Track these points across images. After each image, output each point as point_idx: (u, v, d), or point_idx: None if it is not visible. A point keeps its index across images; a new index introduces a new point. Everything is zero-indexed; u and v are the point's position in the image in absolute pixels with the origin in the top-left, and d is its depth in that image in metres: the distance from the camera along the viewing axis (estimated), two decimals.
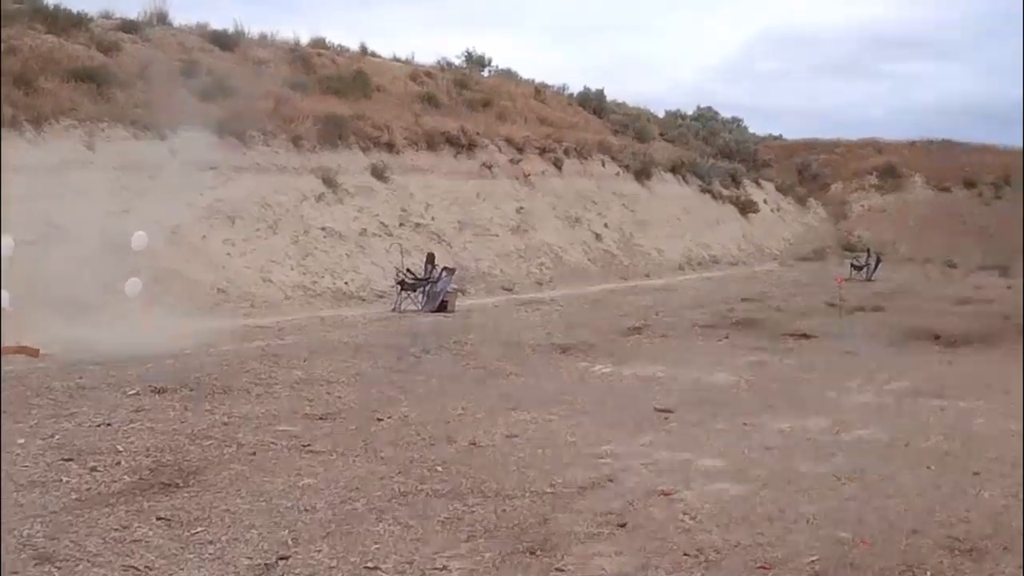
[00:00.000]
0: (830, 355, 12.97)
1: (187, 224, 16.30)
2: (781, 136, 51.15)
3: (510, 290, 20.72)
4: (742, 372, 11.39)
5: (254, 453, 7.00)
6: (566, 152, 28.65)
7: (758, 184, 39.17)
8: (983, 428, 8.57)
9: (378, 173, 21.51)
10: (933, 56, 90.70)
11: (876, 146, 45.73)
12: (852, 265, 26.94)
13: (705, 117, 46.79)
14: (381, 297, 17.88)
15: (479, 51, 36.65)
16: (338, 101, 23.17)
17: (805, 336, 14.65)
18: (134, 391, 8.93)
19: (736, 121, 48.76)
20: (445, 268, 17.66)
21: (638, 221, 28.68)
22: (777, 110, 79.95)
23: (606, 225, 27.11)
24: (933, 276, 28.44)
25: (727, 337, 14.59)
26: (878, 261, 27.55)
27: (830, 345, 13.86)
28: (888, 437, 8.11)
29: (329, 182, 20.07)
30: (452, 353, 12.30)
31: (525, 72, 37.49)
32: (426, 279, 17.29)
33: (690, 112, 46.75)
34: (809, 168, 44.14)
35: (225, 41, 24.33)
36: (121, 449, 6.94)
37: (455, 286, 17.92)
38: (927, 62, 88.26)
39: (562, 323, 15.78)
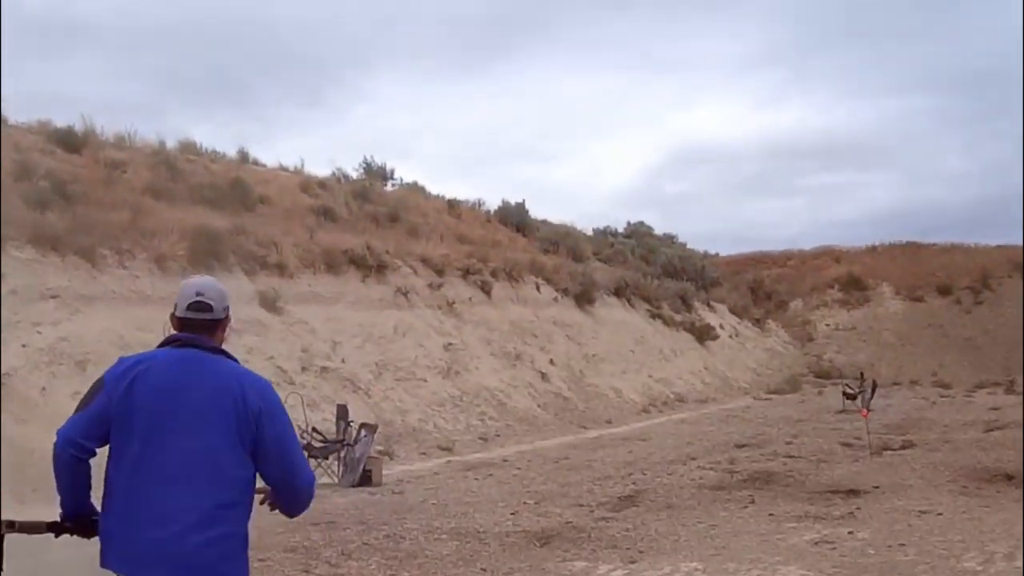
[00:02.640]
0: (904, 518, 10.48)
1: (20, 371, 13.44)
2: (718, 254, 49.84)
3: (449, 449, 17.62)
4: (814, 561, 8.59)
5: None
6: (494, 274, 26.09)
7: (710, 306, 37.12)
8: None
9: (269, 303, 18.46)
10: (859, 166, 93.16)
11: (833, 255, 44.84)
12: (844, 394, 24.63)
13: (639, 233, 45.38)
14: None
15: (379, 162, 34.73)
16: (213, 213, 20.23)
17: (853, 492, 12.11)
18: None
19: (670, 237, 47.43)
20: (364, 425, 14.59)
21: (587, 355, 26.06)
22: (691, 234, 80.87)
23: (551, 361, 24.35)
24: (935, 400, 26.47)
25: (753, 502, 11.84)
26: (874, 387, 25.20)
27: (892, 503, 11.40)
28: None
29: None
30: (384, 556, 9.19)
31: (431, 188, 35.55)
32: (340, 441, 14.23)
33: (620, 229, 45.58)
34: (762, 285, 42.48)
35: (71, 141, 21.56)
36: None
37: (379, 448, 15.00)
38: (847, 172, 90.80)
39: (528, 495, 12.68)
